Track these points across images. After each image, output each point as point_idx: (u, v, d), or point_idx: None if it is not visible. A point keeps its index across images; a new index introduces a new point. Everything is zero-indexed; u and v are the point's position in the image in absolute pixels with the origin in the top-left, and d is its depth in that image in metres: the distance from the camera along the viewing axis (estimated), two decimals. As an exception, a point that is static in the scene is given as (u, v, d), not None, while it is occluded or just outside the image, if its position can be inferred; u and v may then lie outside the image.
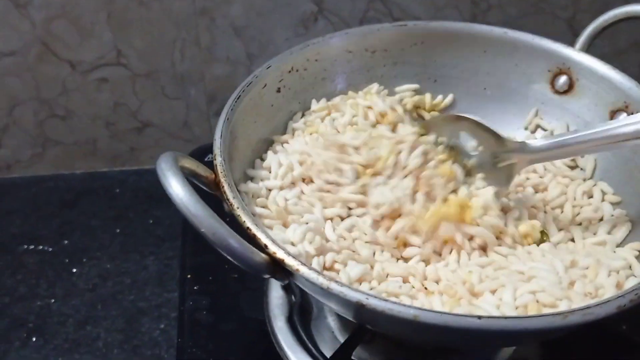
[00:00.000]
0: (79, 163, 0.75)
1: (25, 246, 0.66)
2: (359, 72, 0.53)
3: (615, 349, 0.45)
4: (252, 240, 0.35)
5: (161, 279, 0.63)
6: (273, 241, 0.35)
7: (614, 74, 0.48)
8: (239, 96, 0.45)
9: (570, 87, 0.50)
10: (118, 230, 0.68)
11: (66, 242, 0.67)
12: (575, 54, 0.50)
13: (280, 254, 0.34)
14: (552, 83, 0.51)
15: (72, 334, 0.58)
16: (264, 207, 0.41)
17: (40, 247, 0.66)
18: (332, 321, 0.48)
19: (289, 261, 0.34)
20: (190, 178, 0.38)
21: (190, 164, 0.37)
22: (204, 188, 0.40)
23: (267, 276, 0.35)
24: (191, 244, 0.57)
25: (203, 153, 0.52)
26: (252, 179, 0.44)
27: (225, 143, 0.41)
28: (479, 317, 0.31)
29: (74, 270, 0.64)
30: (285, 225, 0.41)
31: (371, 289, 0.38)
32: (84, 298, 0.61)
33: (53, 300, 0.61)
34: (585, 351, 0.45)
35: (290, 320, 0.47)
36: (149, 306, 0.61)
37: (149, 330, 0.58)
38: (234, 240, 0.33)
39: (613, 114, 0.48)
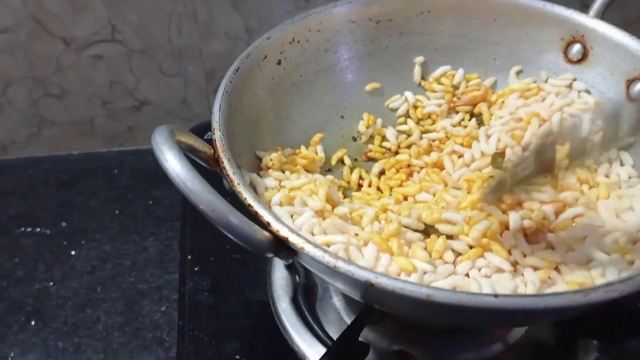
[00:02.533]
0: (76, 143, 0.74)
1: (23, 228, 0.65)
2: (363, 43, 0.50)
3: (632, 327, 0.44)
4: (255, 217, 0.34)
5: (161, 261, 0.62)
6: (276, 218, 0.33)
7: (630, 41, 0.46)
8: (238, 68, 0.43)
9: (584, 56, 0.48)
10: (117, 212, 0.67)
11: (64, 224, 0.65)
12: (590, 21, 0.48)
13: (283, 232, 0.32)
14: (565, 52, 0.49)
15: (71, 317, 0.57)
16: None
17: (38, 229, 0.65)
18: (338, 301, 0.47)
19: (293, 239, 0.32)
20: (188, 154, 0.36)
21: (188, 138, 0.35)
22: (203, 164, 0.38)
23: (270, 255, 0.33)
24: (191, 224, 0.56)
25: (202, 131, 0.51)
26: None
27: (225, 117, 0.40)
28: (496, 296, 0.29)
29: (73, 252, 0.63)
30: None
31: None
32: (83, 281, 0.60)
33: (52, 283, 0.60)
34: (600, 330, 0.44)
35: (294, 301, 0.46)
36: (149, 288, 0.59)
37: (149, 313, 0.57)
38: (235, 217, 0.31)
39: (629, 83, 0.46)
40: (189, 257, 0.53)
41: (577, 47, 0.48)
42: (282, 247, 0.33)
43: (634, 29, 0.72)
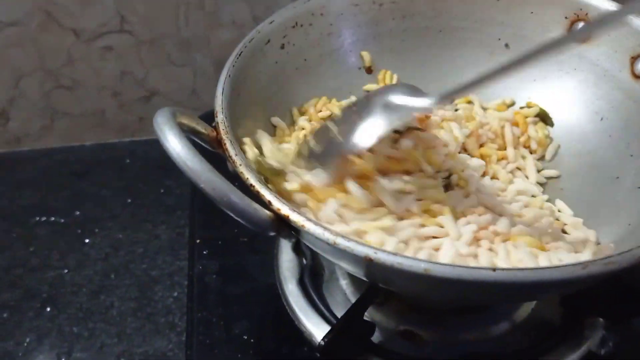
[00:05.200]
0: (88, 134, 0.75)
1: (37, 218, 0.66)
2: (367, 27, 0.51)
3: (638, 306, 0.44)
4: (257, 197, 0.34)
5: (173, 248, 0.63)
6: (277, 197, 0.33)
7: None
8: (241, 52, 0.43)
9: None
10: (129, 200, 0.68)
11: (77, 213, 0.66)
12: (593, -1, 0.47)
13: (284, 210, 0.33)
14: (570, 30, 0.49)
15: (85, 303, 0.58)
16: None
17: (52, 218, 0.66)
18: (344, 283, 0.47)
19: (294, 217, 0.32)
20: (191, 136, 0.37)
21: (190, 120, 0.36)
22: (206, 147, 0.38)
23: (272, 233, 0.34)
24: (200, 209, 0.56)
25: (210, 118, 0.51)
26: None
27: (228, 101, 0.40)
28: (494, 269, 0.29)
29: (86, 240, 0.63)
30: None
31: None
32: (96, 268, 0.61)
33: (66, 271, 0.61)
34: (606, 308, 0.43)
35: (301, 283, 0.46)
36: (161, 275, 0.60)
37: (162, 299, 0.58)
38: (235, 196, 0.32)
39: (634, 60, 0.45)
40: (198, 240, 0.53)
41: (581, 26, 0.48)
42: (283, 225, 0.33)
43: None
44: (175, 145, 0.32)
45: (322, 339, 0.38)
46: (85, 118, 0.73)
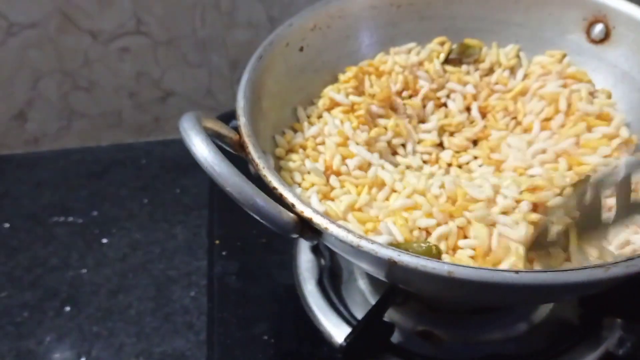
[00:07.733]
0: (105, 135, 0.75)
1: (56, 218, 0.67)
2: (384, 29, 0.51)
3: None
4: (279, 200, 0.34)
5: (190, 247, 0.63)
6: (300, 200, 0.34)
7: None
8: (261, 56, 0.43)
9: (606, 36, 0.48)
10: (146, 201, 0.68)
11: (95, 213, 0.67)
12: (611, 0, 0.47)
13: (308, 213, 0.33)
14: (588, 32, 0.49)
15: (104, 302, 0.59)
16: None
17: (71, 218, 0.67)
18: (363, 284, 0.48)
19: (317, 220, 0.33)
20: (214, 139, 0.37)
21: (213, 124, 0.36)
22: (229, 149, 0.39)
23: (295, 236, 0.34)
24: (219, 210, 0.57)
25: (227, 119, 0.52)
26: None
27: (249, 103, 0.40)
28: (517, 272, 0.30)
29: (104, 240, 0.64)
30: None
31: None
32: (114, 268, 0.62)
33: (85, 271, 0.61)
34: (625, 308, 0.44)
35: (320, 284, 0.47)
36: (178, 274, 0.61)
37: (179, 298, 0.59)
38: (261, 199, 0.32)
39: (653, 62, 0.45)
40: (217, 242, 0.54)
41: (599, 27, 0.48)
42: (306, 227, 0.34)
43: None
44: (202, 150, 0.32)
45: (344, 340, 0.38)
46: (102, 119, 0.74)
